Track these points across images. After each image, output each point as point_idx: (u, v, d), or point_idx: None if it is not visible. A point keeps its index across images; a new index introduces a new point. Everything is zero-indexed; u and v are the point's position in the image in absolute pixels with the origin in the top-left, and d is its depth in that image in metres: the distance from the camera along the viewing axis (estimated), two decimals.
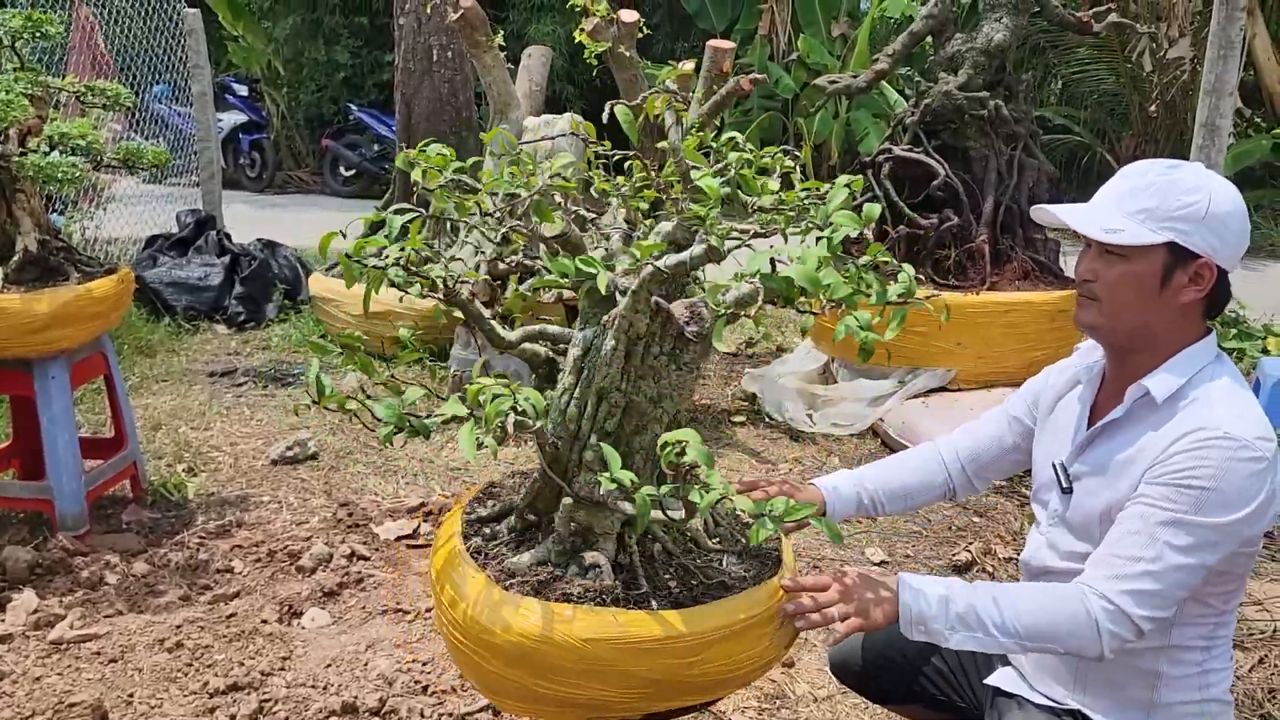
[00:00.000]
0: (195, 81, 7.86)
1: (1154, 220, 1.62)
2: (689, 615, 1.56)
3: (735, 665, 1.61)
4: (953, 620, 1.59)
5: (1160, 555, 1.55)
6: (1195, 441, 1.57)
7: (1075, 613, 1.57)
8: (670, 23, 13.09)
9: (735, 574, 1.71)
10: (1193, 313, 1.67)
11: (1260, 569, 3.51)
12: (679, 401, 1.66)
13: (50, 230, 3.42)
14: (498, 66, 4.89)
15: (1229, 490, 1.55)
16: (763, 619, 1.62)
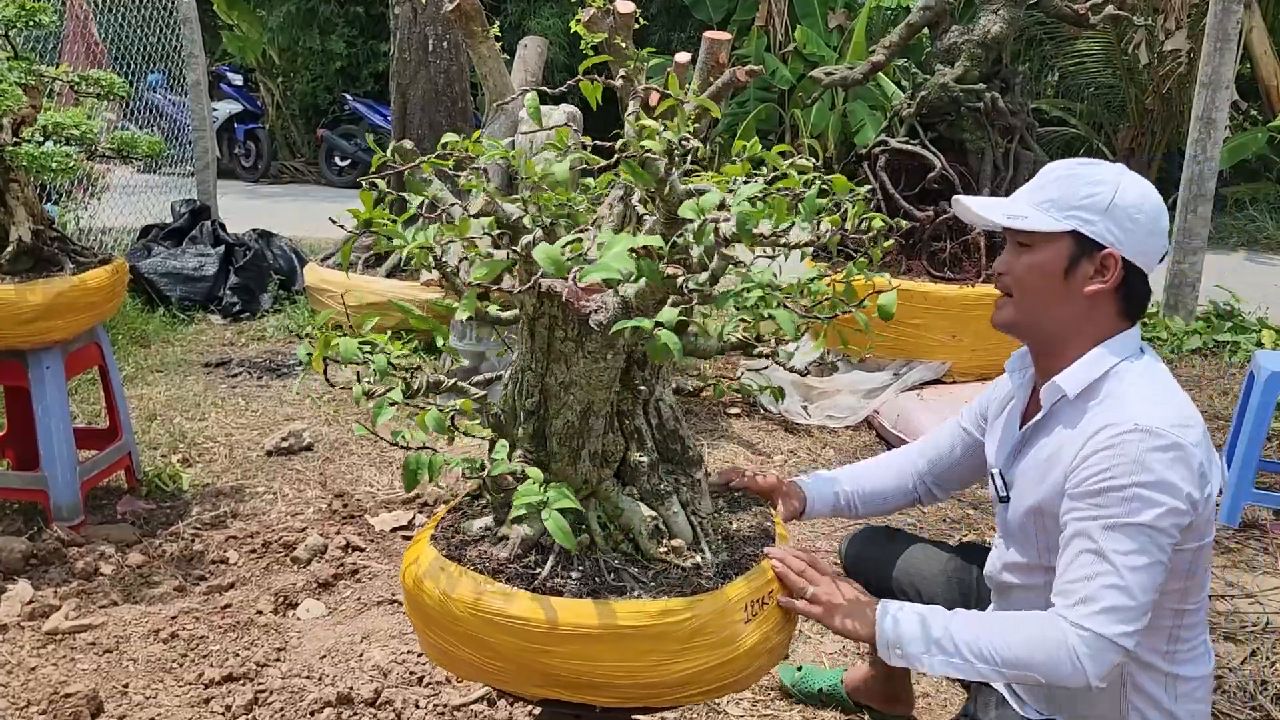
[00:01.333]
0: (190, 70, 7.84)
1: (1058, 209, 1.67)
2: (549, 603, 1.54)
3: (598, 669, 1.54)
4: (930, 645, 1.60)
5: (1113, 567, 1.53)
6: (1106, 440, 1.58)
7: (1051, 642, 1.54)
8: (667, 14, 13.06)
9: (666, 582, 1.63)
10: (1103, 306, 1.70)
11: (1253, 562, 3.52)
12: (591, 391, 1.60)
13: (44, 220, 3.40)
14: (493, 57, 4.87)
15: (1152, 483, 1.54)
16: (643, 633, 1.53)
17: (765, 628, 1.65)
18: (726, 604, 1.59)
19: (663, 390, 1.77)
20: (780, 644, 1.72)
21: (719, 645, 1.58)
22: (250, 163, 13.42)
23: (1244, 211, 10.43)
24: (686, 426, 1.81)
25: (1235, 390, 5.12)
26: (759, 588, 1.66)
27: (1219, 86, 6.25)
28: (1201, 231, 6.41)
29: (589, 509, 1.69)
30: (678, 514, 1.73)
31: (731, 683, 1.64)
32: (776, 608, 1.68)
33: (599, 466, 1.69)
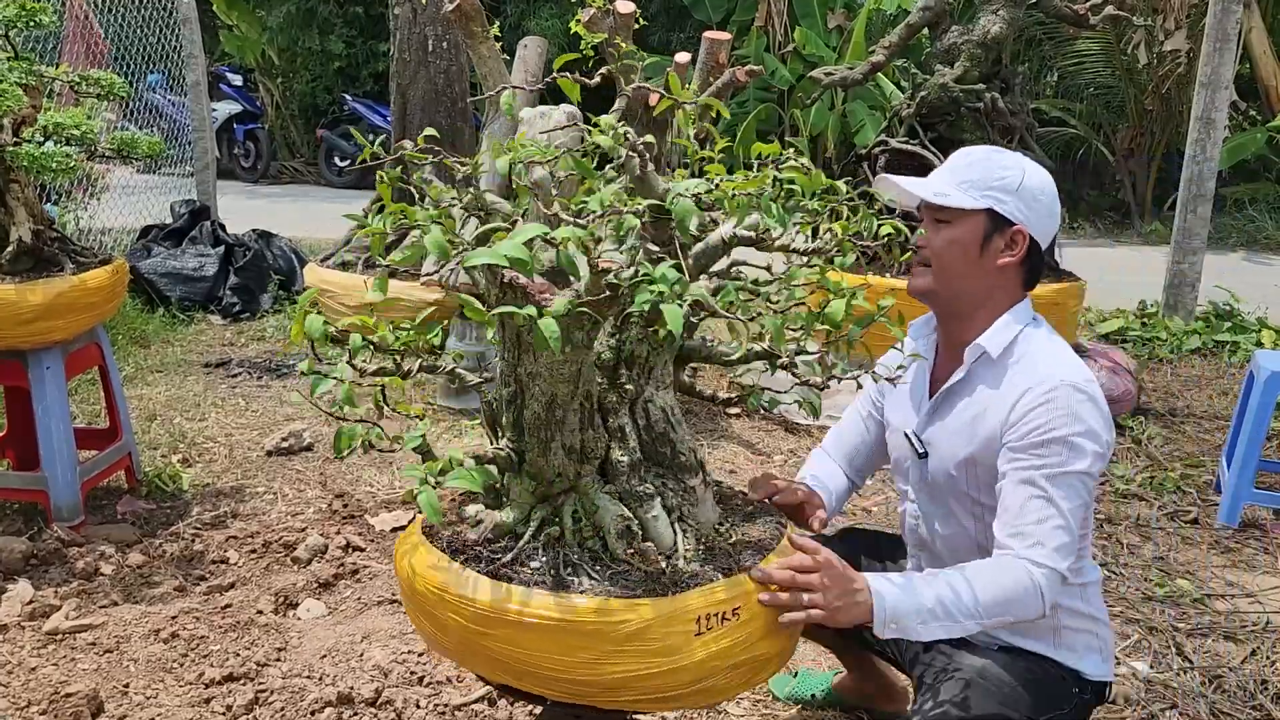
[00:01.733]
0: (190, 71, 7.84)
1: (976, 189, 1.87)
2: (494, 587, 1.58)
3: (533, 658, 1.56)
4: (923, 614, 1.71)
5: (1060, 509, 1.74)
6: (1040, 397, 1.78)
7: (1021, 582, 1.72)
8: (667, 14, 13.06)
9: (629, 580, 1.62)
10: (1011, 276, 1.91)
11: (1253, 561, 3.53)
12: (554, 384, 1.60)
13: (44, 220, 3.40)
14: (493, 58, 4.87)
15: (1084, 432, 1.76)
16: (577, 629, 1.53)
17: (724, 644, 1.59)
18: (672, 613, 1.55)
19: (654, 392, 1.73)
20: (754, 662, 1.65)
21: (660, 654, 1.55)
22: (250, 163, 13.42)
23: (1243, 211, 10.43)
24: (684, 432, 1.77)
25: (1235, 390, 5.12)
26: (717, 602, 1.58)
27: (1218, 87, 6.26)
28: (1201, 231, 6.41)
29: (565, 502, 1.70)
30: (657, 518, 1.69)
31: (680, 695, 1.60)
32: (746, 625, 1.61)
33: (578, 462, 1.68)
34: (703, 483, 1.78)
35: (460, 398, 4.87)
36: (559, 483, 1.69)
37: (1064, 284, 4.71)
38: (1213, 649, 2.96)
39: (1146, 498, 4.02)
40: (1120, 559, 3.50)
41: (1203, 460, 4.39)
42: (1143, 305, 6.70)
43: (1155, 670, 2.83)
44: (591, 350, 1.61)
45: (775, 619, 1.65)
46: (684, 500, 1.75)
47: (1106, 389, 4.69)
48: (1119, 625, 3.08)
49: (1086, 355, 4.84)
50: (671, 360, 1.76)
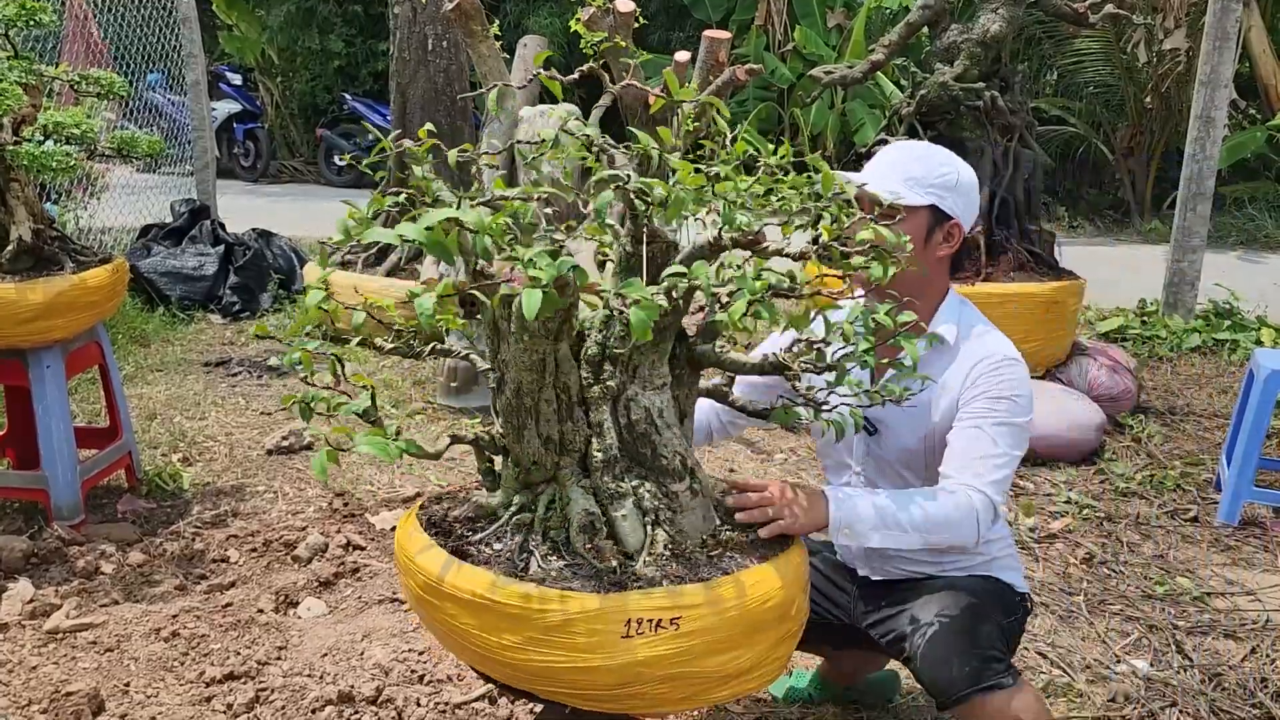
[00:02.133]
0: (189, 70, 7.84)
1: (920, 186, 2.01)
2: (444, 560, 1.63)
3: (467, 635, 1.62)
4: (873, 521, 1.87)
5: (1002, 450, 1.96)
6: (990, 365, 2.00)
7: (962, 507, 1.90)
8: (667, 13, 13.06)
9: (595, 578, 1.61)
10: (945, 267, 2.11)
11: (1253, 559, 3.53)
12: (520, 372, 1.62)
13: (45, 220, 3.40)
14: (493, 56, 4.87)
15: (1024, 395, 2.00)
16: (502, 611, 1.56)
17: (656, 652, 1.54)
18: (601, 611, 1.53)
19: (640, 391, 1.69)
20: (700, 678, 1.59)
21: (585, 650, 1.54)
22: (249, 162, 13.42)
23: (1243, 210, 10.43)
24: (672, 436, 1.72)
25: (1235, 388, 5.12)
26: (652, 608, 1.54)
27: (1218, 85, 6.26)
28: (1201, 230, 6.41)
29: (544, 491, 1.71)
30: (626, 517, 1.67)
31: (607, 696, 1.60)
32: (687, 638, 1.56)
33: (556, 452, 1.68)
34: (689, 489, 1.73)
35: (460, 397, 4.87)
36: (536, 471, 1.71)
37: (1064, 282, 4.71)
38: (1213, 647, 2.96)
39: (1146, 496, 4.02)
40: (1120, 557, 3.50)
41: (1202, 458, 4.39)
42: (1142, 304, 6.70)
43: (1155, 668, 2.83)
44: (556, 342, 1.60)
45: (726, 638, 1.58)
46: (663, 504, 1.70)
47: (1106, 387, 4.69)
48: (1118, 623, 3.08)
49: (1086, 354, 4.84)
50: (665, 362, 1.73)
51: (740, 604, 1.60)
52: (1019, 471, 4.17)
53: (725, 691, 1.67)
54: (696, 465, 1.76)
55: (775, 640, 1.68)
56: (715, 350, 1.77)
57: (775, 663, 1.72)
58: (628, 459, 1.71)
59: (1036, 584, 3.31)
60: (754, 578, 1.64)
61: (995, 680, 1.91)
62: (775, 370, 1.76)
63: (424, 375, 5.31)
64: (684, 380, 1.79)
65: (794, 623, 1.73)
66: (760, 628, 1.63)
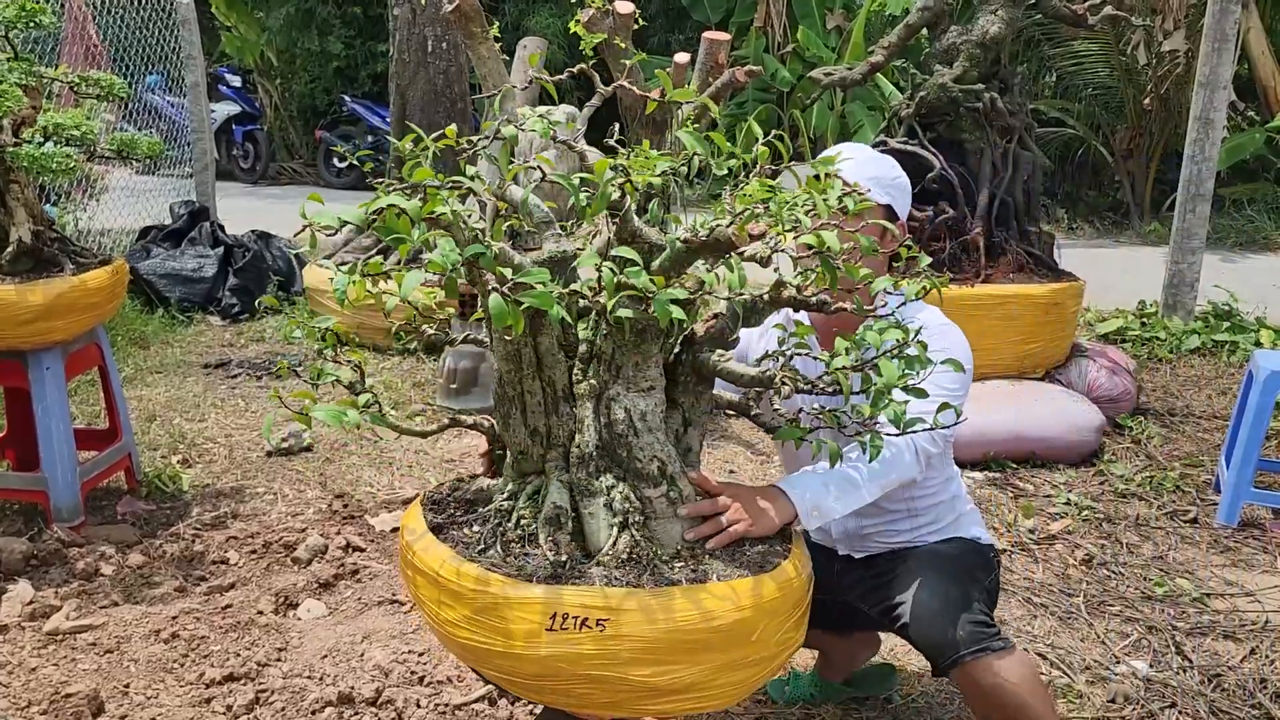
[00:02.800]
0: (189, 72, 7.85)
1: (880, 186, 2.13)
2: (417, 533, 1.72)
3: (424, 606, 1.69)
4: (831, 492, 1.90)
5: (938, 388, 1.95)
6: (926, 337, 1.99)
7: (901, 444, 1.95)
8: (666, 15, 13.07)
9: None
10: (886, 261, 2.22)
11: (1252, 561, 3.53)
12: (501, 362, 1.69)
13: (45, 221, 3.40)
14: (493, 58, 4.87)
15: (949, 351, 2.00)
16: (445, 586, 1.63)
17: (577, 649, 1.53)
18: (524, 598, 1.55)
19: (622, 392, 1.67)
20: (628, 686, 1.56)
21: (506, 635, 1.57)
22: (249, 164, 13.42)
23: (1242, 212, 10.43)
24: (652, 441, 1.70)
25: (1234, 390, 5.13)
26: (579, 605, 1.53)
27: (1217, 87, 6.27)
28: (1200, 231, 6.42)
29: (532, 481, 1.75)
30: (594, 515, 1.67)
31: (527, 685, 1.62)
32: (611, 640, 1.54)
33: (542, 444, 1.72)
34: (665, 498, 1.70)
35: (459, 398, 4.87)
36: (524, 461, 1.75)
37: (1063, 284, 4.71)
38: (1212, 648, 2.96)
39: (1146, 497, 4.02)
40: (1120, 558, 3.50)
41: (1202, 460, 4.39)
42: (1142, 305, 6.71)
43: (1155, 669, 2.83)
44: (533, 335, 1.63)
45: (657, 650, 1.55)
46: (634, 509, 1.67)
47: (1105, 389, 4.69)
48: (1118, 625, 3.08)
49: (1085, 355, 4.85)
50: (654, 365, 1.72)
51: (681, 618, 1.54)
52: (1019, 474, 4.18)
53: (659, 706, 1.61)
54: (679, 474, 1.73)
55: (725, 664, 1.60)
56: (714, 360, 1.75)
57: (728, 688, 1.64)
58: (606, 458, 1.70)
59: (1036, 585, 3.31)
60: (709, 593, 1.58)
61: (987, 643, 2.01)
62: (768, 385, 1.73)
63: (424, 377, 5.32)
64: (689, 388, 1.78)
65: (755, 650, 1.63)
66: (703, 647, 1.57)
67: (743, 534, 1.75)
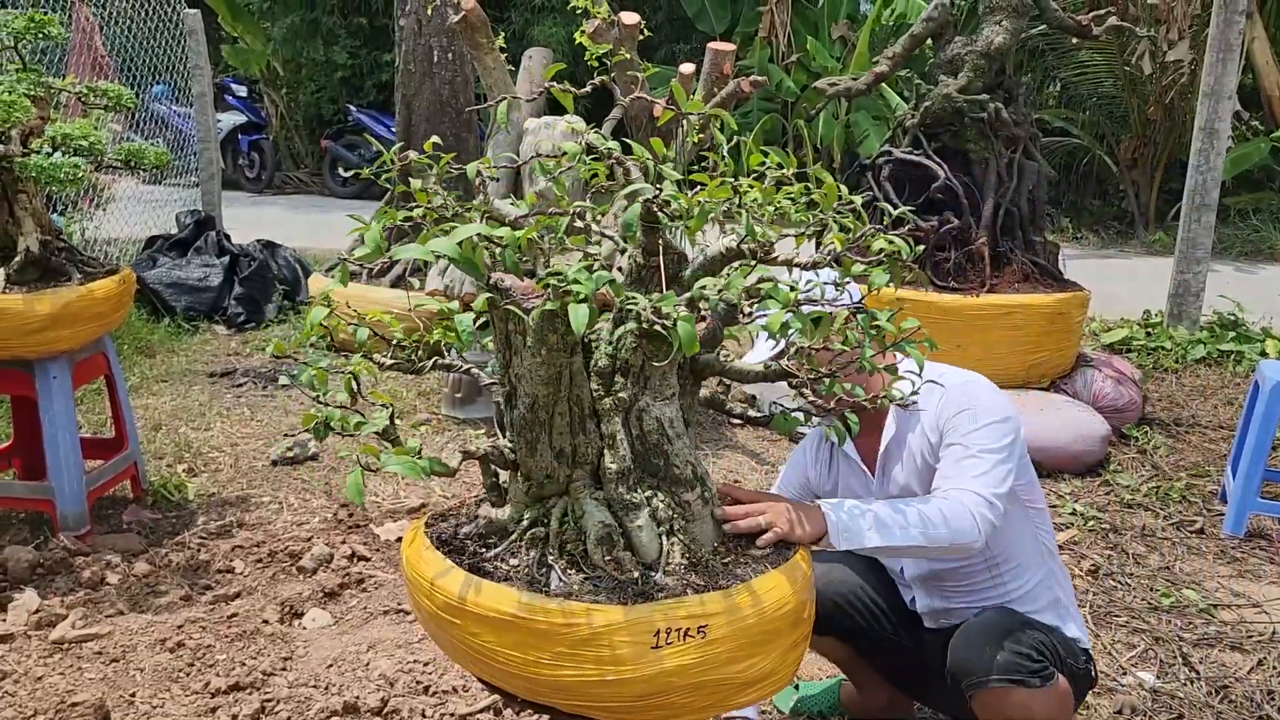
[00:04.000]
0: (195, 82, 7.87)
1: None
2: (444, 567, 1.66)
3: (483, 650, 1.63)
4: (870, 522, 1.87)
5: (975, 453, 1.99)
6: (941, 404, 2.06)
7: (952, 500, 1.92)
8: (671, 25, 13.11)
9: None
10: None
11: (1259, 571, 3.52)
12: (534, 386, 1.66)
13: (52, 231, 3.42)
14: (499, 68, 4.89)
15: (980, 405, 2.04)
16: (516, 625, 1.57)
17: (684, 660, 1.56)
18: (630, 622, 1.54)
19: (651, 402, 1.69)
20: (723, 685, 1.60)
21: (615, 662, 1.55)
22: (254, 173, 13.46)
23: (1247, 221, 10.43)
24: (683, 446, 1.73)
25: (1240, 400, 5.12)
26: (680, 617, 1.56)
27: (1221, 97, 6.27)
28: (1205, 241, 6.41)
29: (556, 504, 1.71)
30: (643, 528, 1.67)
31: (633, 708, 1.62)
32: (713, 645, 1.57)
33: (569, 465, 1.69)
34: (701, 499, 1.74)
35: (465, 408, 4.88)
36: (548, 485, 1.71)
37: (1068, 294, 4.71)
38: (1219, 659, 2.95)
39: (1152, 508, 4.01)
40: (1126, 569, 3.50)
41: (1208, 470, 4.38)
42: (1147, 315, 6.70)
43: (1162, 680, 2.82)
44: (572, 355, 1.61)
45: (748, 644, 1.59)
46: (676, 514, 1.71)
47: (1111, 399, 4.69)
48: (1125, 635, 3.07)
49: (1091, 365, 4.84)
50: (674, 372, 1.74)
51: (758, 611, 1.61)
52: None
53: (744, 698, 1.68)
54: (706, 474, 1.77)
55: (789, 645, 1.69)
56: (719, 359, 1.77)
57: (789, 667, 1.73)
58: (640, 470, 1.71)
59: None
60: (768, 584, 1.65)
61: (1024, 677, 1.92)
62: (780, 377, 1.75)
63: (429, 386, 5.32)
64: (686, 389, 1.79)
65: (806, 626, 1.73)
66: (776, 634, 1.64)
67: (784, 535, 1.77)
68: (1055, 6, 4.95)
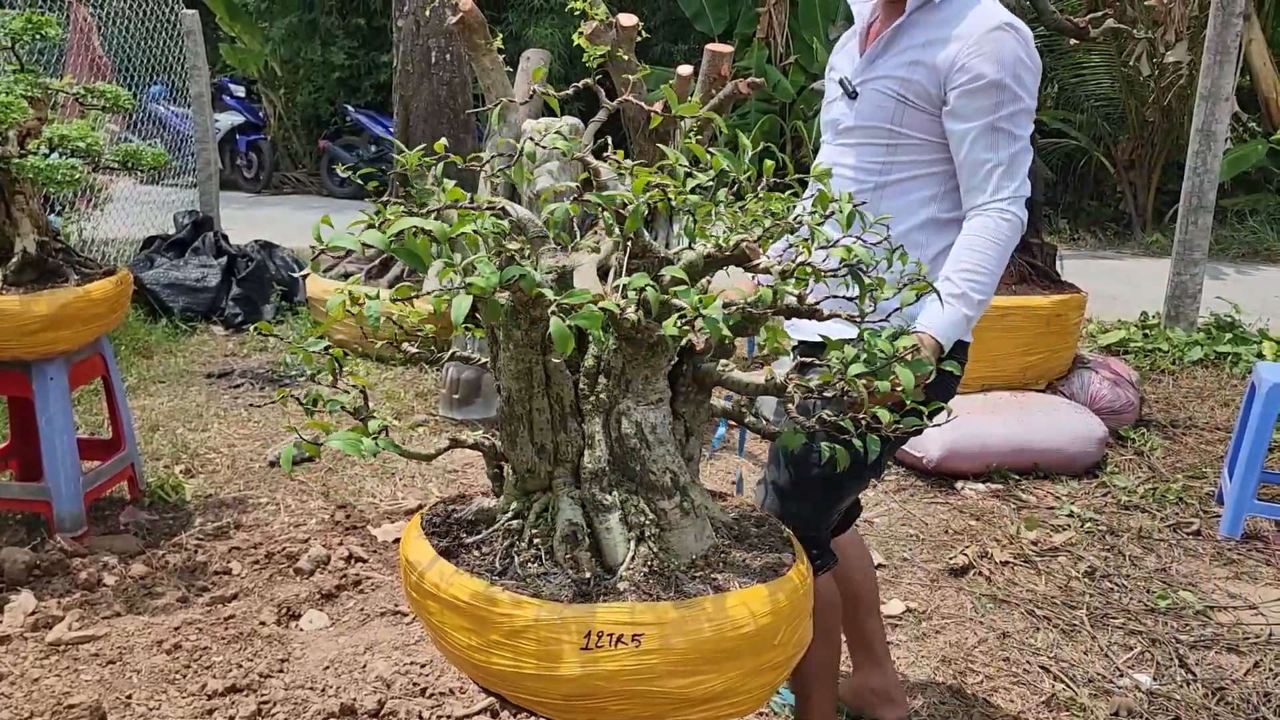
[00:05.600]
0: (193, 82, 7.87)
1: None
2: (428, 553, 1.69)
3: (436, 628, 1.68)
4: (962, 319, 2.00)
5: (1007, 153, 2.02)
6: (979, 41, 1.99)
7: (998, 229, 2.01)
8: (669, 26, 13.10)
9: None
10: None
11: (1255, 573, 3.52)
12: (509, 380, 1.69)
13: (49, 232, 3.42)
14: (496, 69, 4.89)
15: (1020, 73, 2.00)
16: (458, 608, 1.61)
17: (613, 666, 1.54)
18: (563, 620, 1.54)
19: (633, 406, 1.67)
20: (663, 698, 1.57)
21: (544, 657, 1.56)
22: (252, 174, 13.45)
23: (1244, 223, 10.44)
24: (663, 453, 1.70)
25: (1237, 402, 5.12)
26: (614, 622, 1.54)
27: (1219, 99, 6.28)
28: (1202, 243, 6.42)
29: (539, 499, 1.73)
30: (610, 530, 1.66)
31: (565, 705, 1.62)
32: (648, 655, 1.54)
33: (550, 461, 1.71)
34: (679, 508, 1.70)
35: (462, 409, 4.88)
36: (530, 479, 1.73)
37: (1065, 295, 4.72)
38: (1216, 661, 2.96)
39: (1149, 509, 4.02)
40: (1123, 570, 3.50)
41: (1205, 472, 4.39)
42: (1144, 316, 6.71)
43: (1158, 682, 2.83)
44: (545, 352, 1.63)
45: (695, 660, 1.55)
46: (649, 520, 1.68)
47: (1108, 400, 4.69)
48: (1121, 637, 3.08)
49: (1088, 367, 4.85)
50: (660, 377, 1.72)
51: (709, 627, 1.55)
52: (1021, 485, 4.18)
53: (693, 715, 1.62)
54: (690, 484, 1.73)
55: (752, 669, 1.61)
56: (718, 369, 1.76)
57: (754, 692, 1.65)
58: (617, 472, 1.70)
59: (1039, 597, 3.31)
60: (733, 602, 1.59)
61: None
62: (776, 392, 1.71)
63: (426, 388, 5.32)
64: (691, 398, 1.78)
65: (778, 653, 1.64)
66: (732, 654, 1.57)
67: None
68: (1053, 8, 4.96)
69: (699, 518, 1.74)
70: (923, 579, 3.43)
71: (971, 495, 4.12)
